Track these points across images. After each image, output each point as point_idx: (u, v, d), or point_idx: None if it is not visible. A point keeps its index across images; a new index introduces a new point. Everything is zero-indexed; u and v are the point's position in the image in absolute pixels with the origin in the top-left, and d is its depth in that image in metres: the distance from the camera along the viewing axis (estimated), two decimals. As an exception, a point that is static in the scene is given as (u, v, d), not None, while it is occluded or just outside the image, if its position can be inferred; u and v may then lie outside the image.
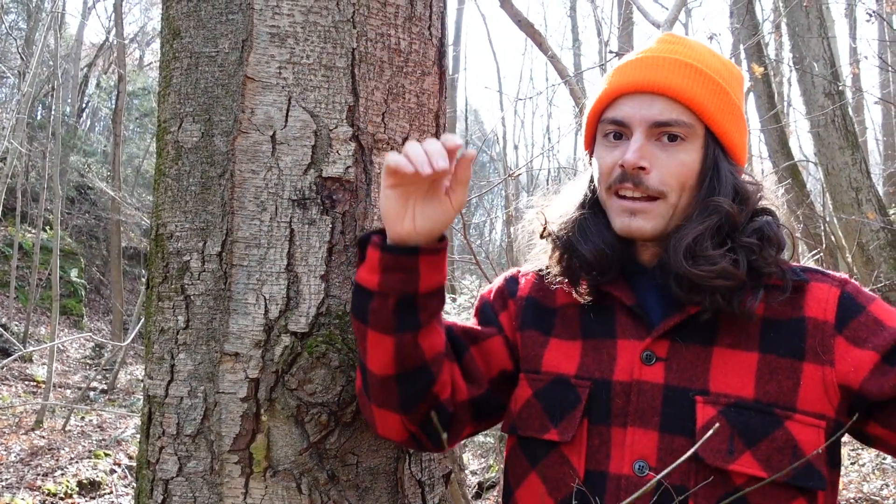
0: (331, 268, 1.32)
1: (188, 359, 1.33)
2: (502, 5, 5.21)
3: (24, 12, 20.81)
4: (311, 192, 1.31)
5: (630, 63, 1.26)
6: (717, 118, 1.21)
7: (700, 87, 1.21)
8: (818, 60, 6.95)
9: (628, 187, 1.19)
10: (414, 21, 1.43)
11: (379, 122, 1.37)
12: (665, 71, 1.21)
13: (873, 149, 17.21)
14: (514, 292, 1.36)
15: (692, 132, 1.20)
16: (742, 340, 1.15)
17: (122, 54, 17.68)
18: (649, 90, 1.21)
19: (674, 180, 1.19)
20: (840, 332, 1.14)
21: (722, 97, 1.22)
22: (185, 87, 1.37)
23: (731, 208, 1.17)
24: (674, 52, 1.25)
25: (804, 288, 1.18)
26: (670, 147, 1.19)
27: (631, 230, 1.21)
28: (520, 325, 1.32)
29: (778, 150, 8.82)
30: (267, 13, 1.32)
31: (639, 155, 1.18)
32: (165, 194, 1.39)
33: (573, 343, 1.25)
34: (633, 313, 1.22)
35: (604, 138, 1.26)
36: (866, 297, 1.17)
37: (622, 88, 1.23)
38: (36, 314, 14.79)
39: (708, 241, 1.15)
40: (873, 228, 6.75)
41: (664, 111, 1.19)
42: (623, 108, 1.22)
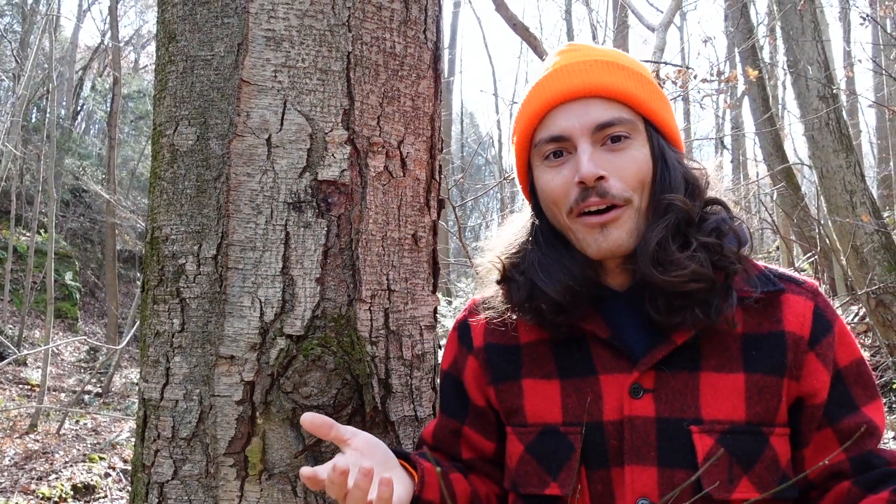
0: (326, 271, 1.32)
1: (183, 362, 1.33)
2: (498, 9, 5.22)
3: (18, 15, 20.77)
4: (306, 196, 1.31)
5: (548, 76, 1.19)
6: (652, 107, 1.17)
7: (628, 80, 1.16)
8: (812, 64, 6.97)
9: (594, 202, 1.12)
10: (409, 25, 1.43)
11: (374, 125, 1.37)
12: (591, 73, 1.16)
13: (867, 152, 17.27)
14: (469, 345, 1.29)
15: (634, 128, 1.15)
16: (726, 362, 1.12)
17: (117, 57, 17.66)
18: (580, 94, 1.15)
19: (633, 180, 1.13)
20: (812, 348, 1.13)
21: (647, 85, 1.18)
22: (180, 91, 1.37)
23: (684, 204, 1.12)
24: (585, 55, 1.20)
25: (780, 298, 1.15)
26: (618, 149, 1.14)
27: (609, 246, 1.14)
28: (488, 380, 1.26)
29: (772, 153, 8.85)
30: (262, 17, 1.32)
31: (594, 164, 1.11)
32: (161, 197, 1.39)
33: (550, 383, 1.19)
34: (609, 346, 1.16)
35: (543, 161, 1.18)
36: (832, 314, 1.16)
37: (550, 101, 1.16)
38: (30, 317, 14.75)
39: (671, 245, 1.10)
40: (867, 231, 6.77)
41: (603, 112, 1.14)
42: (558, 122, 1.15)
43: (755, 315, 1.14)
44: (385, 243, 1.38)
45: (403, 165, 1.42)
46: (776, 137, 8.92)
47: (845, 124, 7.08)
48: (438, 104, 1.53)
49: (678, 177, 1.15)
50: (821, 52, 7.10)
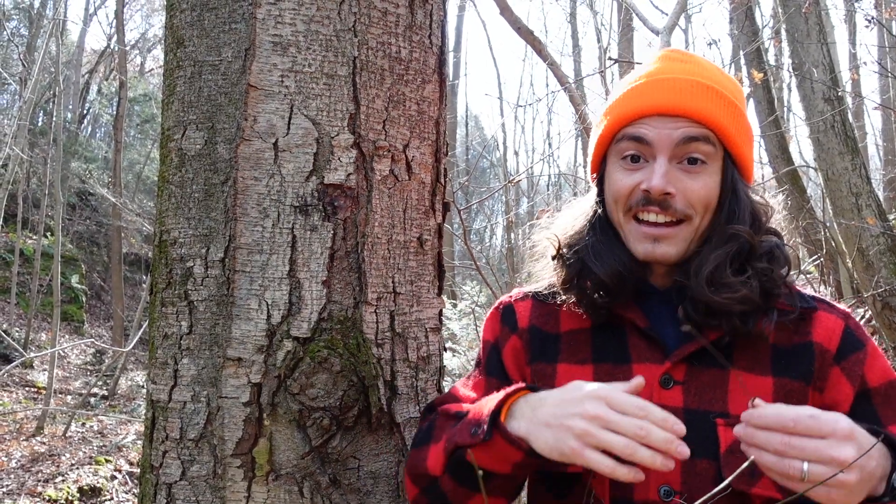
0: (332, 273, 1.33)
1: (191, 364, 1.34)
2: (502, 13, 5.23)
3: (25, 19, 20.87)
4: (312, 199, 1.33)
5: (647, 84, 1.24)
6: (737, 141, 1.22)
7: (721, 110, 1.21)
8: (818, 66, 6.97)
9: (654, 210, 1.19)
10: (414, 30, 1.44)
11: (380, 129, 1.38)
12: (687, 94, 1.21)
13: (873, 154, 17.23)
14: (514, 325, 1.34)
15: (713, 155, 1.21)
16: (756, 364, 1.17)
17: (123, 61, 17.73)
18: (674, 113, 1.20)
19: (699, 204, 1.19)
20: (838, 363, 1.17)
21: (739, 119, 1.23)
22: (188, 96, 1.39)
23: (749, 237, 1.18)
24: (690, 72, 1.24)
25: (812, 315, 1.20)
26: (692, 170, 1.20)
27: (655, 256, 1.21)
28: (528, 359, 1.30)
29: (778, 156, 8.83)
30: (269, 22, 1.33)
31: (665, 180, 1.17)
32: (169, 201, 1.40)
33: (583, 368, 1.24)
34: (646, 336, 1.21)
35: (621, 160, 1.24)
36: (864, 335, 1.20)
37: (644, 110, 1.22)
38: (37, 320, 14.80)
39: (728, 269, 1.16)
40: (873, 233, 6.75)
41: (688, 133, 1.19)
42: (645, 129, 1.21)
43: (787, 329, 1.19)
44: (391, 246, 1.39)
45: (409, 169, 1.43)
46: (781, 140, 8.91)
47: (851, 127, 7.07)
48: (443, 108, 1.54)
49: (746, 210, 1.22)
50: (826, 54, 7.09)
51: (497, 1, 5.12)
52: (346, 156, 1.34)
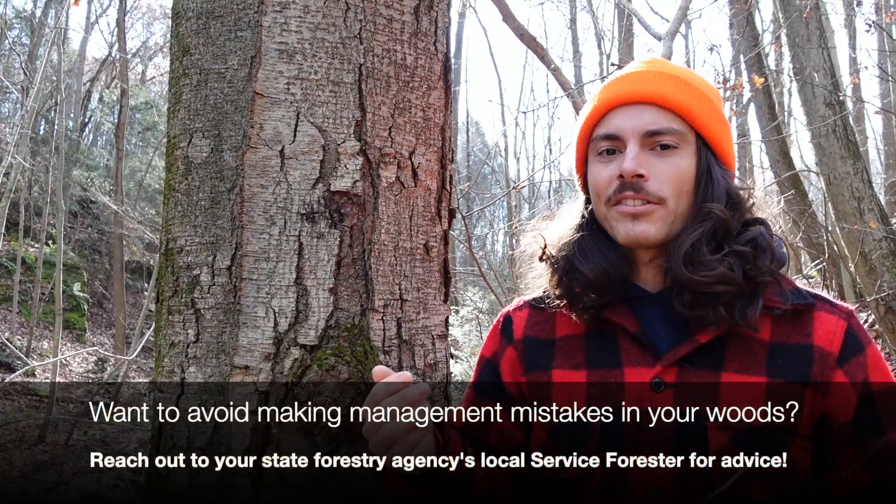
0: (339, 281, 1.33)
1: (198, 372, 1.34)
2: (505, 19, 5.24)
3: (27, 28, 20.92)
4: (319, 206, 1.32)
5: (616, 80, 1.29)
6: (706, 123, 1.24)
7: (687, 96, 1.24)
8: (818, 71, 6.97)
9: (629, 195, 1.21)
10: (420, 37, 1.45)
11: (386, 136, 1.38)
12: (652, 82, 1.25)
13: (874, 158, 17.22)
14: (510, 336, 1.36)
15: (684, 139, 1.23)
16: (750, 365, 1.16)
17: (124, 69, 17.76)
18: (638, 100, 1.24)
19: (671, 186, 1.21)
20: (840, 366, 1.16)
21: (707, 104, 1.26)
22: (194, 104, 1.39)
23: (723, 213, 1.19)
24: (658, 67, 1.29)
25: (812, 314, 1.19)
26: (664, 155, 1.22)
27: (636, 234, 1.22)
28: (523, 370, 1.32)
29: (779, 160, 8.83)
30: (275, 30, 1.33)
31: (636, 163, 1.20)
32: (175, 209, 1.40)
33: (577, 373, 1.25)
34: (637, 340, 1.22)
35: (597, 156, 1.27)
36: (866, 337, 1.20)
37: (611, 102, 1.26)
38: (38, 328, 14.79)
39: (704, 247, 1.17)
40: (876, 238, 6.75)
41: (655, 120, 1.22)
42: (614, 122, 1.25)
43: (785, 326, 1.18)
44: (397, 253, 1.39)
45: (415, 176, 1.43)
46: (783, 144, 8.91)
47: (852, 131, 7.07)
48: (449, 115, 1.54)
49: (721, 190, 1.23)
50: (826, 59, 7.09)
51: (500, 8, 5.14)
52: (353, 163, 1.34)
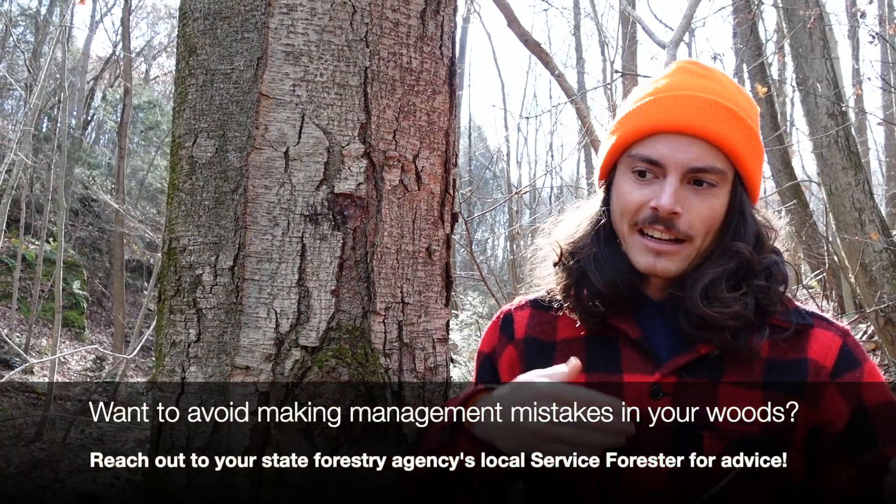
0: (341, 283, 1.33)
1: (199, 372, 1.34)
2: (510, 25, 5.26)
3: (32, 25, 20.96)
4: (322, 208, 1.33)
5: (664, 100, 1.23)
6: (749, 164, 1.22)
7: (736, 133, 1.20)
8: (821, 81, 6.98)
9: (658, 229, 1.20)
10: (425, 41, 1.45)
11: (390, 139, 1.39)
12: (708, 114, 1.20)
13: (876, 169, 17.23)
14: (511, 335, 1.35)
15: (724, 178, 1.21)
16: (747, 378, 1.18)
17: (128, 68, 17.78)
18: (688, 132, 1.19)
19: (702, 225, 1.20)
20: (833, 380, 1.17)
21: (753, 141, 1.23)
22: (200, 104, 1.39)
23: (751, 255, 1.19)
24: (707, 89, 1.23)
25: (809, 332, 1.21)
26: (701, 192, 1.20)
27: (656, 270, 1.22)
28: (523, 370, 1.29)
29: (781, 170, 8.84)
30: (282, 32, 1.34)
31: (674, 199, 1.18)
32: (179, 209, 1.40)
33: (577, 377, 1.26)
34: (638, 347, 1.22)
35: (631, 172, 1.24)
36: (862, 354, 1.21)
37: (659, 127, 1.21)
38: (38, 326, 14.79)
39: (723, 284, 1.18)
40: (876, 249, 6.75)
41: (701, 157, 1.19)
42: (659, 148, 1.20)
43: (783, 345, 1.19)
44: (399, 256, 1.40)
45: (418, 179, 1.43)
46: (785, 154, 8.91)
47: (854, 142, 7.08)
48: (453, 119, 1.55)
49: (751, 231, 1.23)
50: (830, 69, 7.10)
51: (505, 13, 5.15)
52: (357, 165, 1.35)
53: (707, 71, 1.28)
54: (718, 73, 1.29)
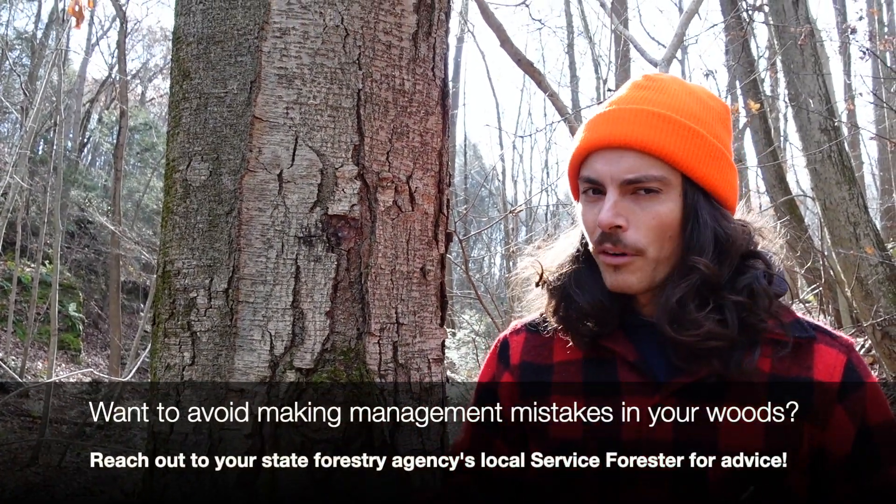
0: (336, 304, 1.33)
1: (193, 395, 1.34)
2: (503, 45, 5.29)
3: (28, 49, 21.04)
4: (316, 230, 1.33)
5: (599, 117, 1.24)
6: (692, 164, 1.17)
7: (669, 136, 1.17)
8: (814, 97, 7.03)
9: (608, 247, 1.18)
10: (418, 62, 1.46)
11: (384, 160, 1.39)
12: (631, 124, 1.18)
13: (870, 183, 17.30)
14: (507, 361, 1.36)
15: (667, 183, 1.17)
16: (749, 397, 1.15)
17: (124, 90, 17.84)
18: (616, 145, 1.18)
19: (651, 234, 1.17)
20: (840, 401, 1.15)
21: (695, 141, 1.18)
22: (194, 127, 1.40)
23: (707, 268, 1.15)
24: (643, 100, 1.21)
25: (812, 347, 1.18)
26: (645, 200, 1.17)
27: (619, 285, 1.20)
28: (520, 395, 1.31)
29: (775, 185, 8.88)
30: (275, 55, 1.35)
31: (613, 213, 1.16)
32: (173, 231, 1.41)
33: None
34: (636, 369, 1.21)
35: (583, 194, 1.25)
36: (866, 371, 1.19)
37: (591, 144, 1.21)
38: (33, 348, 14.73)
39: (690, 303, 1.14)
40: (872, 263, 6.77)
41: (633, 167, 1.16)
42: (594, 166, 1.20)
43: (785, 360, 1.16)
44: (394, 277, 1.40)
45: (412, 200, 1.44)
46: (779, 169, 8.96)
47: (847, 156, 7.11)
48: (446, 139, 1.55)
49: (708, 236, 1.17)
50: (822, 85, 7.15)
51: (498, 34, 5.19)
52: (350, 187, 1.35)
53: (653, 82, 1.26)
54: (668, 83, 1.25)
